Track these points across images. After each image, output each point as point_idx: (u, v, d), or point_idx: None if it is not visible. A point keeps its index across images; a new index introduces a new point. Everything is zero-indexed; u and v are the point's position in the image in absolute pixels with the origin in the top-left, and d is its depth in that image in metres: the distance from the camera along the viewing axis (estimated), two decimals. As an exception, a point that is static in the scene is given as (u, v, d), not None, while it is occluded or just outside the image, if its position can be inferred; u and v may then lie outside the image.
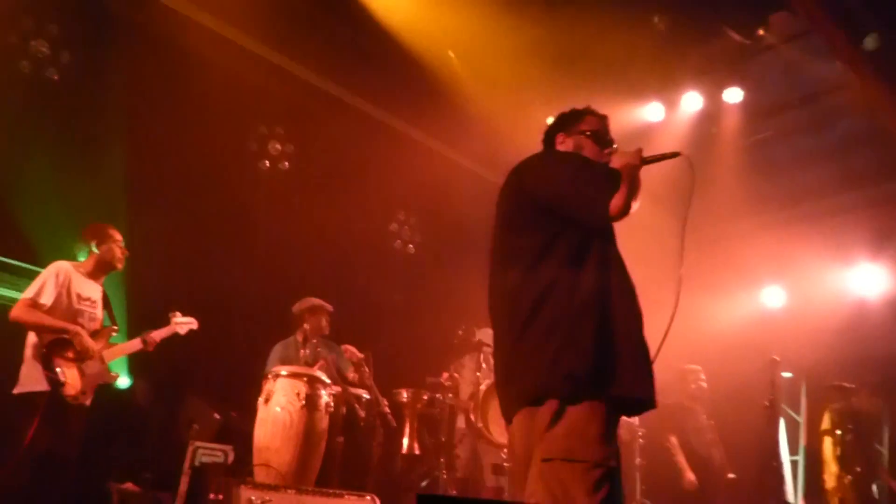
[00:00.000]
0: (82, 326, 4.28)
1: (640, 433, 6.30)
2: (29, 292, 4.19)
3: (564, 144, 2.83)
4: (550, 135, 2.90)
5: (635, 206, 2.51)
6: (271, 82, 6.91)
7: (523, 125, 7.73)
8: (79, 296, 4.35)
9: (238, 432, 5.85)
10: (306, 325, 5.61)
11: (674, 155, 2.71)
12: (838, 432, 6.40)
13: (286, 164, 7.12)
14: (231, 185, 6.59)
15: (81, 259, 4.53)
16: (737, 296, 8.15)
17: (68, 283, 4.31)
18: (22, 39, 5.61)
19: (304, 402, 5.01)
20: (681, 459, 6.12)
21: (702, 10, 6.31)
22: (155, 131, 6.15)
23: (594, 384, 2.31)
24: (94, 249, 4.49)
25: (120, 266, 4.60)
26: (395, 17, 6.58)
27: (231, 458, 5.54)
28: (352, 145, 7.31)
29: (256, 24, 6.46)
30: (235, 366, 6.12)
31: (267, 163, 7.06)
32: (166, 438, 5.77)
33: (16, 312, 4.14)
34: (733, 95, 7.24)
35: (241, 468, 5.49)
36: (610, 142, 2.81)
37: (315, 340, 5.59)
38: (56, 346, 4.17)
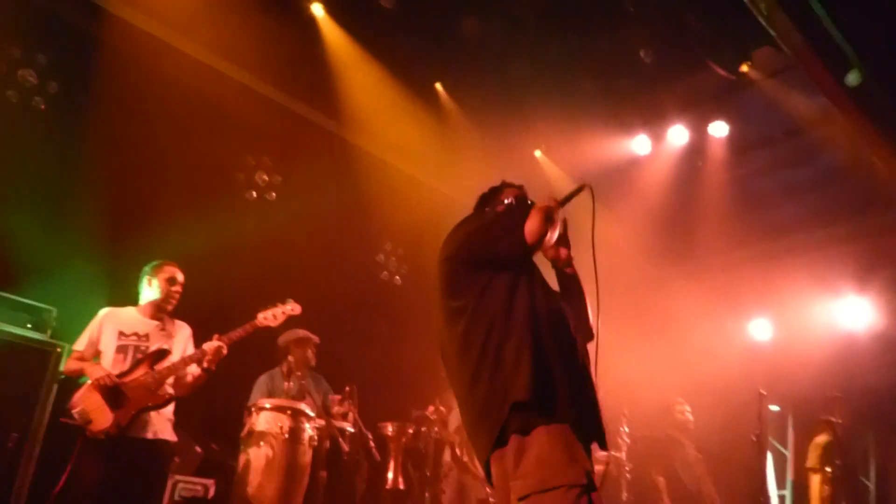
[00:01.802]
0: (122, 361, 4.33)
1: (627, 468, 6.23)
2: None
3: None
4: (478, 210, 3.12)
5: (552, 235, 2.74)
6: (259, 113, 6.93)
7: (511, 157, 7.82)
8: (121, 333, 4.43)
9: (220, 466, 5.78)
10: (291, 357, 5.56)
11: (580, 189, 2.92)
12: (827, 469, 6.34)
13: (273, 194, 7.12)
14: (218, 214, 6.57)
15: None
16: (724, 328, 8.16)
17: (101, 325, 4.44)
18: (9, 69, 5.60)
19: (287, 435, 4.96)
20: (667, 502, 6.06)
21: (687, 45, 6.39)
22: (142, 160, 6.14)
23: (542, 410, 2.40)
24: (147, 287, 4.58)
25: (165, 302, 4.57)
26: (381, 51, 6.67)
27: (212, 492, 5.47)
28: (339, 176, 7.32)
29: (245, 55, 6.52)
30: (218, 397, 6.04)
31: (254, 193, 7.05)
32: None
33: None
34: (719, 129, 7.32)
35: (222, 503, 5.41)
36: (529, 204, 2.98)
37: (300, 373, 5.54)
38: (77, 386, 4.30)
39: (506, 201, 3.03)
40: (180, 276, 4.64)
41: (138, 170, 6.11)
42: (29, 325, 4.94)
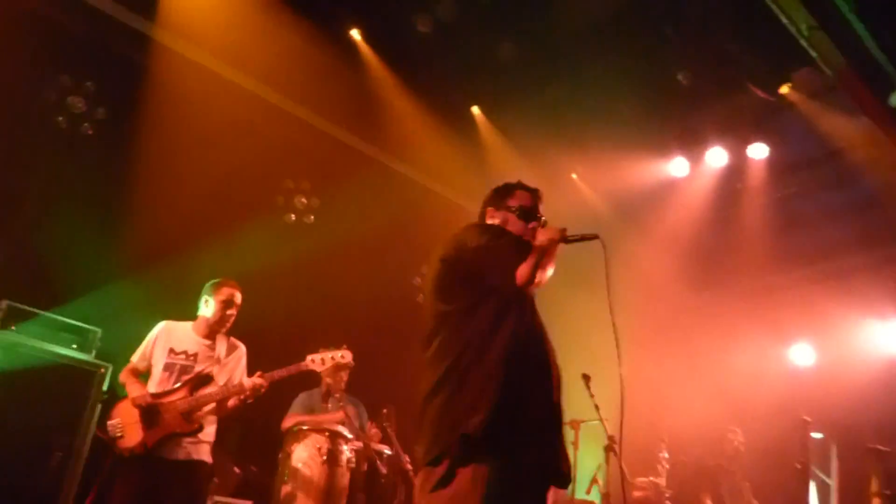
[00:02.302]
0: (167, 380, 4.30)
1: (667, 494, 6.14)
2: None
3: (493, 218, 3.00)
4: (483, 208, 3.07)
5: (545, 276, 2.68)
6: (299, 137, 7.04)
7: (549, 179, 7.82)
8: (172, 350, 4.39)
9: (258, 487, 5.81)
10: (328, 380, 5.56)
11: (593, 237, 2.87)
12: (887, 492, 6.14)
13: (311, 217, 7.20)
14: (258, 236, 6.67)
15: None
16: (765, 353, 8.02)
17: (156, 339, 4.42)
18: (59, 96, 5.77)
19: (325, 457, 4.97)
20: None
21: (725, 67, 6.35)
22: (185, 184, 6.26)
23: (487, 450, 2.38)
24: (203, 304, 4.54)
25: (219, 325, 4.49)
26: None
27: (251, 513, 5.50)
28: (377, 199, 7.38)
29: (284, 79, 6.63)
30: (256, 418, 6.09)
31: (293, 216, 7.14)
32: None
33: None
34: (758, 151, 7.23)
35: (261, 524, 5.44)
36: (536, 217, 2.97)
37: (338, 395, 5.56)
38: (121, 400, 4.28)
39: (511, 207, 2.97)
40: (238, 299, 4.55)
41: (181, 192, 6.22)
42: (74, 346, 5.02)
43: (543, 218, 2.99)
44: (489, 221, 3.01)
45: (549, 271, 2.72)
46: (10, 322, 4.76)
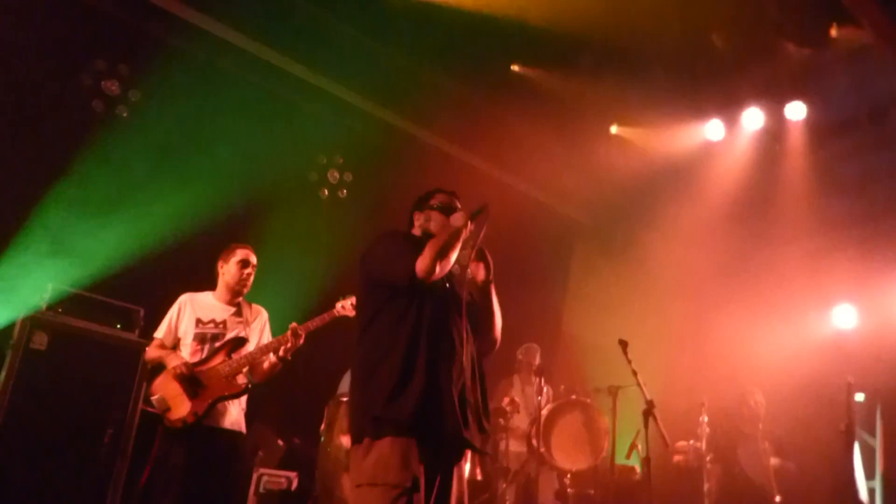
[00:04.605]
0: (200, 350, 4.34)
1: (708, 458, 6.13)
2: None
3: (419, 219, 3.37)
4: (410, 214, 3.43)
5: (447, 263, 3.00)
6: (331, 113, 7.04)
7: (586, 147, 7.76)
8: (199, 320, 4.42)
9: (302, 459, 5.93)
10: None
11: (480, 210, 3.14)
12: None
13: (344, 192, 7.23)
14: (292, 213, 6.74)
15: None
16: (807, 316, 7.92)
17: (180, 312, 4.46)
18: (94, 80, 5.85)
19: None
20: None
21: (760, 26, 6.20)
22: (219, 162, 6.33)
23: (393, 423, 2.82)
24: (220, 271, 4.57)
25: (239, 286, 4.52)
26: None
27: (295, 484, 5.61)
28: (410, 174, 7.38)
29: (318, 57, 6.62)
30: (298, 391, 6.19)
31: (326, 192, 7.18)
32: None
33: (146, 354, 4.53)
34: (796, 111, 7.07)
35: (306, 495, 5.55)
36: (454, 209, 3.33)
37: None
38: (156, 374, 4.32)
39: (433, 205, 3.33)
40: (253, 259, 4.57)
41: (216, 171, 6.30)
42: (119, 326, 5.13)
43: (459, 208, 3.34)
44: (416, 222, 3.37)
45: (453, 257, 3.03)
46: (56, 305, 4.88)
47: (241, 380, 4.31)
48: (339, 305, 4.51)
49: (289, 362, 4.39)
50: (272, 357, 4.42)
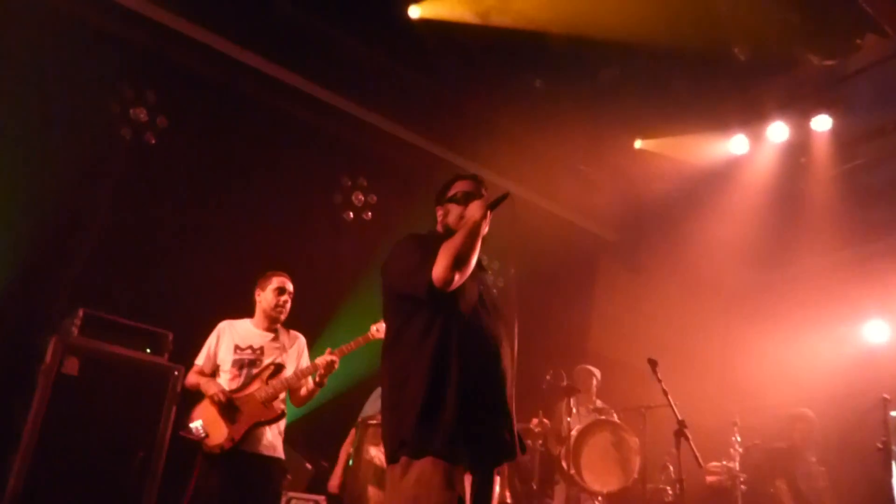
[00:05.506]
0: (238, 376, 4.40)
1: (741, 479, 6.03)
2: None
3: (440, 214, 3.19)
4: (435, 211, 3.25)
5: (467, 264, 2.79)
6: (354, 134, 7.08)
7: (611, 160, 7.72)
8: (237, 347, 4.50)
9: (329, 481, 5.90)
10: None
11: (503, 196, 2.95)
12: None
13: (369, 214, 7.26)
14: (317, 236, 6.77)
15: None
16: (837, 331, 7.79)
17: (218, 339, 4.56)
18: (123, 108, 5.92)
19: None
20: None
21: (783, 38, 6.16)
22: (245, 186, 6.40)
23: (427, 448, 2.63)
24: (258, 298, 4.65)
25: (276, 312, 4.58)
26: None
27: (324, 508, 5.59)
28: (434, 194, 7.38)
29: (339, 79, 6.68)
30: (325, 414, 6.18)
31: (351, 214, 7.21)
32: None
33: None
34: (821, 123, 7.01)
35: (334, 518, 5.52)
36: (476, 196, 3.08)
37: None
38: (196, 400, 4.40)
39: (450, 196, 3.13)
40: (290, 286, 4.65)
41: (242, 195, 6.36)
42: (148, 350, 5.16)
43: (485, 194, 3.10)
44: (439, 218, 3.17)
45: (473, 258, 2.81)
46: (86, 329, 4.92)
47: (278, 405, 4.40)
48: (373, 328, 4.59)
49: (324, 387, 4.46)
50: (309, 383, 4.49)
